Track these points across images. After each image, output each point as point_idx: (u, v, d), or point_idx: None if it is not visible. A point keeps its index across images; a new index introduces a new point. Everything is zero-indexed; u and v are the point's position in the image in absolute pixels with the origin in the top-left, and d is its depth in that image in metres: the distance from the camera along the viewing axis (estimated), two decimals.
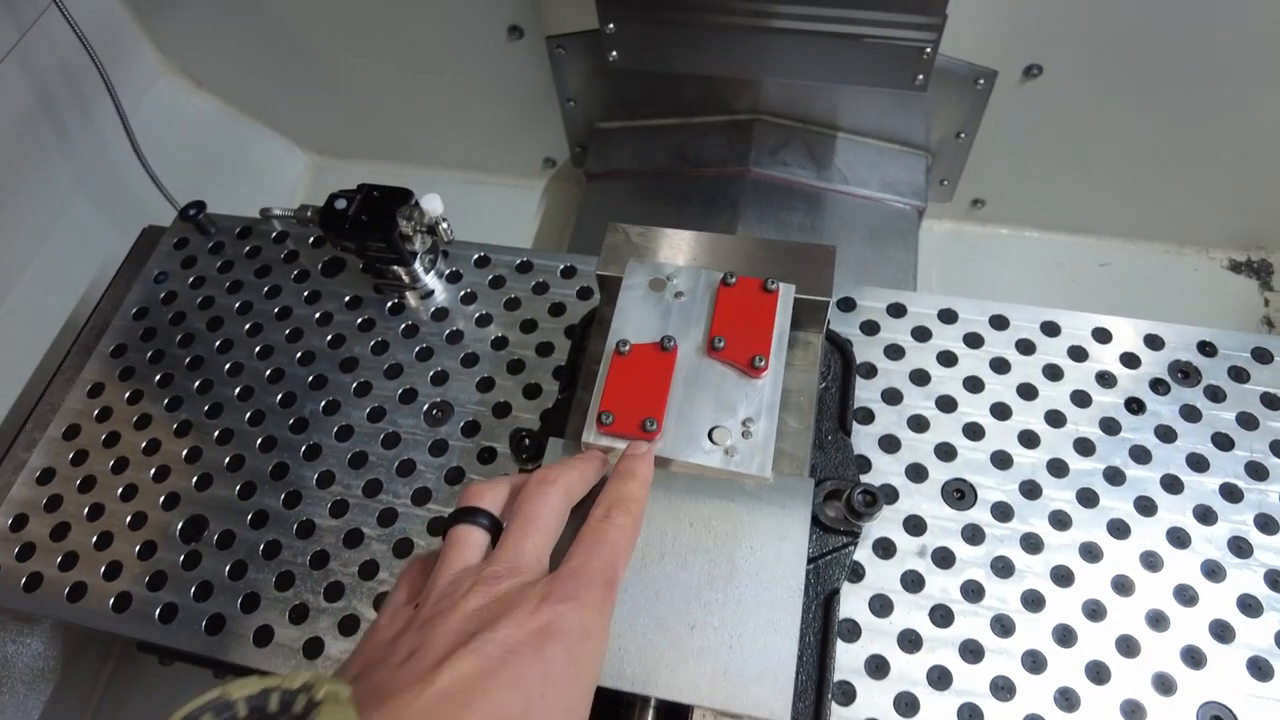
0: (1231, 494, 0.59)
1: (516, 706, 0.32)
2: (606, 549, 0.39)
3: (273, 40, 1.16)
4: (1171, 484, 0.60)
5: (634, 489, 0.44)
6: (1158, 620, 0.55)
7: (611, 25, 0.92)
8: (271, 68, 1.22)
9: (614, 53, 0.95)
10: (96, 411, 0.72)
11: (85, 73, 1.04)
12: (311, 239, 0.79)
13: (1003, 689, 0.54)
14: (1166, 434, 0.62)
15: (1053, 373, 0.65)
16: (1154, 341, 0.66)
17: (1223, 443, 0.61)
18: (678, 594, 0.45)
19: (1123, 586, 0.57)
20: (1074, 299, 1.16)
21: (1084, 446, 0.62)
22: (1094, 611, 0.56)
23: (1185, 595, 0.56)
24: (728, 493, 0.48)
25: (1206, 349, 0.65)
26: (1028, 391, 0.64)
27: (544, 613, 0.35)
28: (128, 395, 0.72)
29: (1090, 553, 0.58)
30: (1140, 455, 0.61)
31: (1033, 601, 0.57)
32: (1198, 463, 0.61)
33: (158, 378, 0.73)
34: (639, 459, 0.46)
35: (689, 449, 0.49)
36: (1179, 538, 0.58)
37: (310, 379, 0.70)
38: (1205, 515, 0.59)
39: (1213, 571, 0.57)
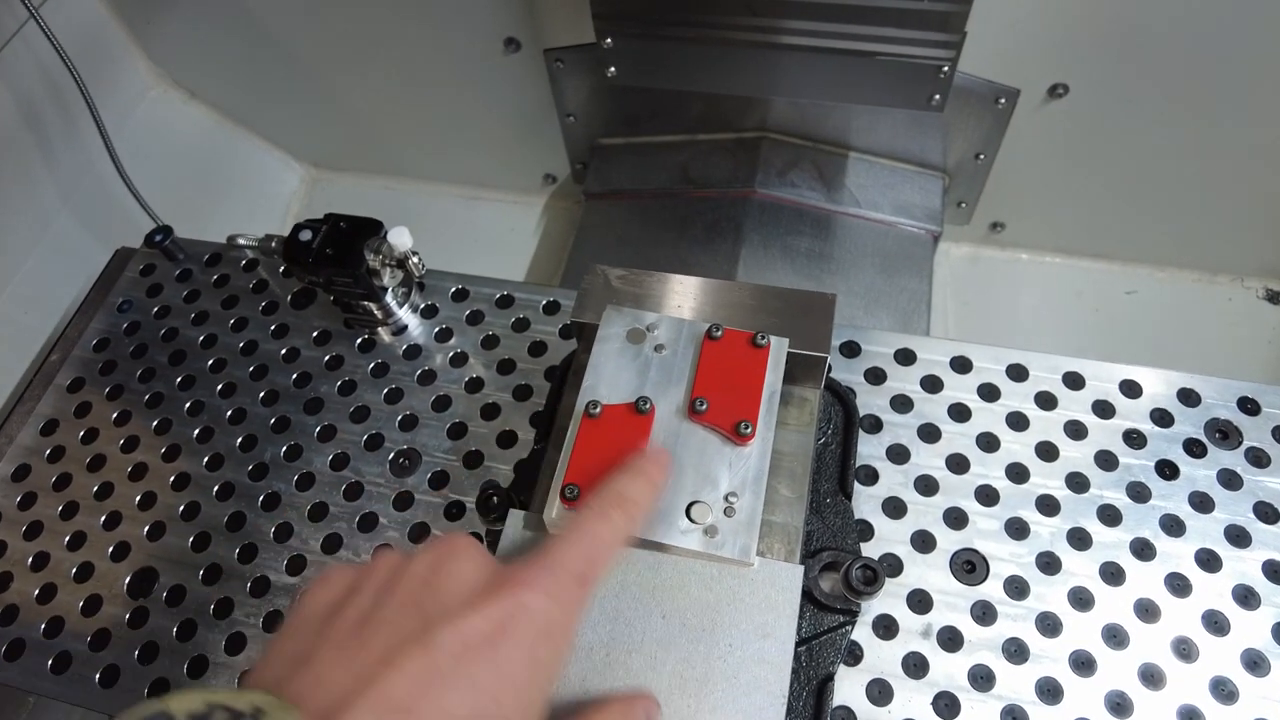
0: (1276, 573, 0.53)
1: (465, 711, 0.29)
2: (589, 542, 0.35)
3: (266, 51, 1.13)
4: (1208, 560, 0.54)
5: (640, 490, 0.39)
6: (1191, 718, 0.49)
7: (609, 40, 0.88)
8: (266, 79, 1.18)
9: (613, 68, 0.91)
10: (49, 451, 0.68)
11: (71, 86, 1.00)
12: (282, 267, 0.74)
13: None
14: (1203, 503, 0.56)
15: (1075, 430, 0.59)
16: (1189, 397, 0.60)
17: (1266, 514, 0.55)
18: None
19: (1151, 677, 0.51)
20: (1097, 329, 1.09)
21: (1109, 515, 0.56)
22: (1118, 705, 0.50)
23: (1223, 690, 0.50)
24: (706, 580, 0.43)
25: (1248, 406, 0.59)
26: (1047, 451, 0.58)
27: (505, 602, 0.32)
28: (82, 434, 0.68)
29: (1114, 636, 0.52)
30: (1172, 526, 0.55)
31: (1049, 691, 0.51)
32: (1238, 536, 0.55)
33: (114, 415, 0.69)
34: (656, 463, 0.42)
35: (664, 528, 0.43)
36: (1216, 622, 0.52)
37: (273, 421, 0.66)
38: (1246, 597, 0.53)
39: (1255, 663, 0.51)
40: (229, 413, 0.67)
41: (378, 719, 0.28)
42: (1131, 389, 0.60)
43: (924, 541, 0.56)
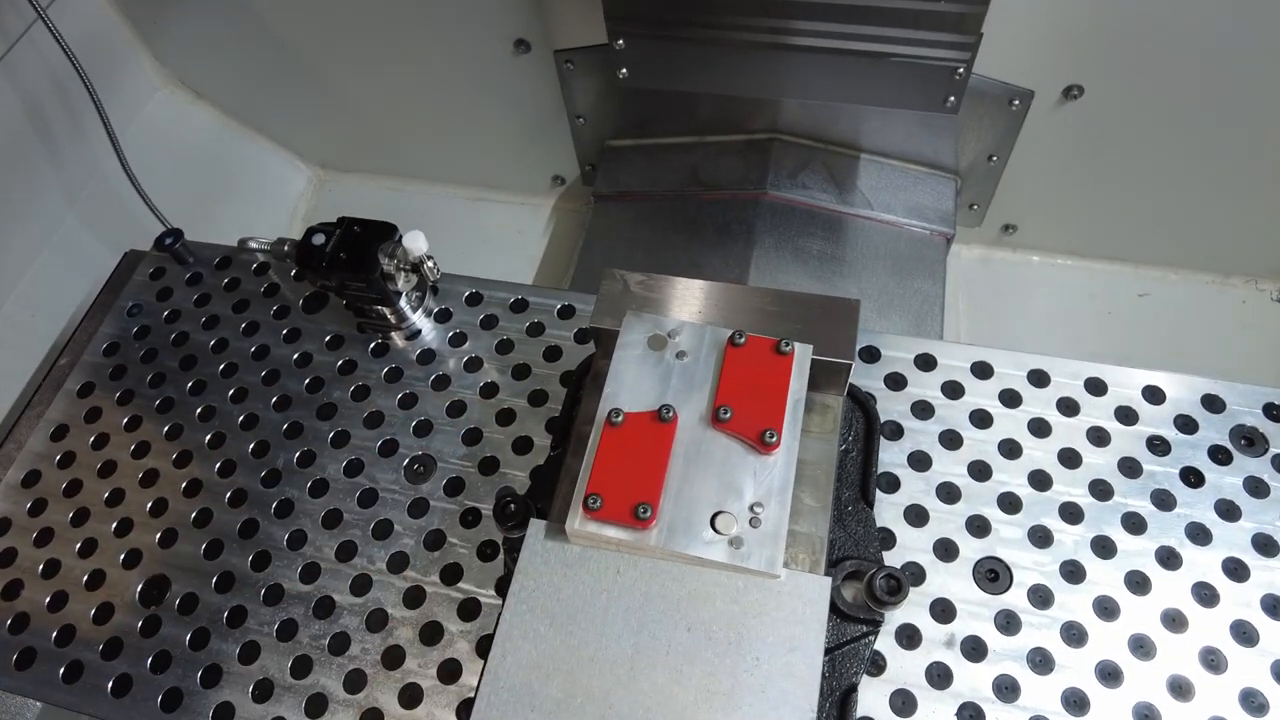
0: None
1: None
2: None
3: (273, 52, 1.12)
4: (1235, 569, 0.53)
5: None
6: None
7: (621, 41, 0.87)
8: (273, 80, 1.18)
9: (624, 70, 0.90)
10: (59, 456, 0.67)
11: (78, 87, 1.00)
12: (294, 271, 0.74)
13: None
14: (1228, 510, 0.55)
15: (1098, 437, 0.58)
16: (1213, 403, 0.59)
17: None
18: (671, 714, 0.39)
19: (1180, 689, 0.50)
20: (1110, 332, 1.08)
21: (1134, 523, 0.55)
22: (1146, 717, 0.49)
23: (1253, 702, 0.49)
24: (732, 592, 0.42)
25: (1274, 412, 0.58)
26: (1070, 458, 0.58)
27: None
28: (92, 440, 0.68)
29: (1141, 647, 0.51)
30: (1198, 534, 0.55)
31: (1075, 703, 0.50)
32: (1265, 545, 0.54)
33: (125, 421, 0.68)
34: None
35: (687, 539, 0.43)
36: (1244, 632, 0.51)
37: (285, 426, 0.65)
38: (1275, 607, 0.52)
39: None
40: (241, 418, 0.66)
41: None
42: (1154, 395, 0.60)
43: (946, 550, 0.55)
